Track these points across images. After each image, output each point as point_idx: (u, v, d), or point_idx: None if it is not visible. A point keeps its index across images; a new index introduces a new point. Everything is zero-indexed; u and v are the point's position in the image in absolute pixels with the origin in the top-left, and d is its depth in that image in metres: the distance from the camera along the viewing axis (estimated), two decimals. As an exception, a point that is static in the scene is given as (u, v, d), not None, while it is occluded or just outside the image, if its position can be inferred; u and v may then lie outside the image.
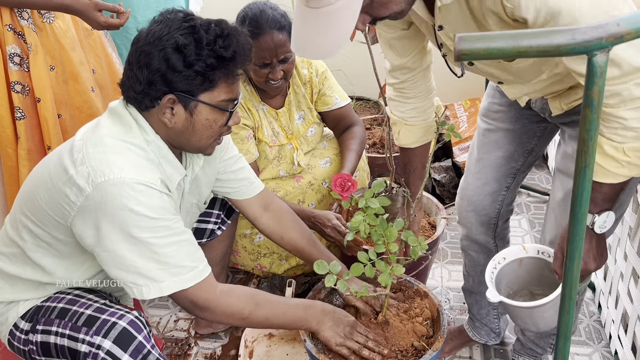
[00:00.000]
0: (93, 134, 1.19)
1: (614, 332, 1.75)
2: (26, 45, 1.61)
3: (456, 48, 0.58)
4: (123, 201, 1.11)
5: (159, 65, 1.14)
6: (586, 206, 0.73)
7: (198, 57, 1.14)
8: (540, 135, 1.49)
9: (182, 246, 1.20)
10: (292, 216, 1.60)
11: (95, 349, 1.17)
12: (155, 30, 1.16)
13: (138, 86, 1.17)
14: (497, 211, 1.55)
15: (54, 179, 1.18)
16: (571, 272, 0.78)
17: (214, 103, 1.20)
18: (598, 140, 1.06)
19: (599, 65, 0.61)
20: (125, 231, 1.13)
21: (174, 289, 1.19)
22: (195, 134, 1.23)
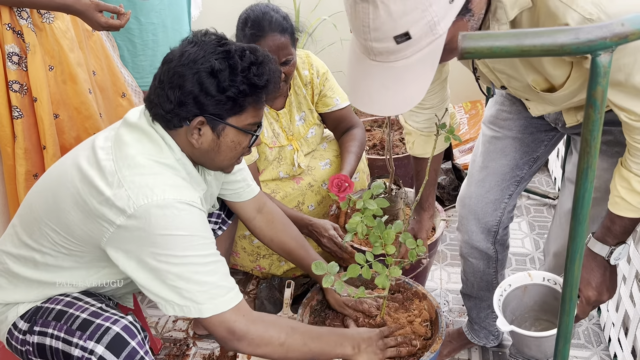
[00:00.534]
0: (121, 153, 1.18)
1: (614, 335, 1.74)
2: (25, 45, 1.61)
3: (460, 46, 0.58)
4: (168, 221, 1.12)
5: (192, 88, 1.14)
6: (588, 207, 0.72)
7: (232, 84, 1.15)
8: (547, 143, 1.48)
9: (219, 267, 1.20)
10: (283, 219, 1.61)
11: (88, 353, 1.17)
12: (190, 52, 1.16)
13: (168, 105, 1.16)
14: (498, 219, 1.54)
15: (86, 198, 1.16)
16: (572, 273, 0.78)
17: (241, 126, 1.21)
18: (626, 176, 1.06)
19: (602, 65, 0.61)
20: (169, 250, 1.13)
21: (214, 312, 1.17)
22: (220, 154, 1.25)
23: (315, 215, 2.05)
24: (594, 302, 1.20)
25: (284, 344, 1.23)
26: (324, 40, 3.28)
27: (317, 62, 2.04)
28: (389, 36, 0.83)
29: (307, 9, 3.33)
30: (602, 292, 1.19)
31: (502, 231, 1.57)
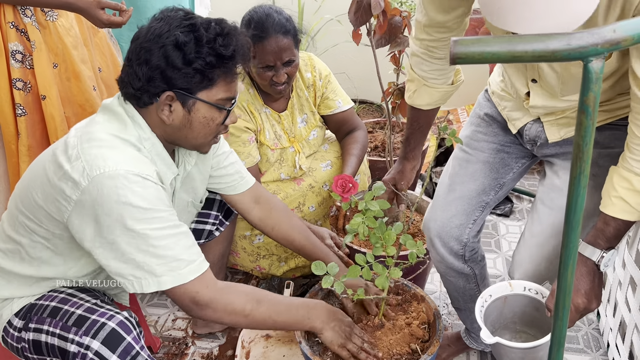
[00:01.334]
0: (86, 130, 1.20)
1: (612, 340, 1.74)
2: (29, 43, 1.62)
3: (451, 51, 0.58)
4: (119, 192, 1.12)
5: (158, 62, 1.15)
6: (580, 214, 0.73)
7: (198, 55, 1.15)
8: (515, 171, 1.47)
9: (180, 239, 1.20)
10: (282, 207, 1.61)
11: (84, 349, 1.17)
12: (155, 28, 1.16)
13: (137, 82, 1.17)
14: (463, 243, 1.51)
15: (49, 175, 1.19)
16: (565, 279, 0.78)
17: (212, 101, 1.21)
18: (626, 176, 1.06)
19: (594, 71, 0.61)
20: (122, 223, 1.13)
21: (173, 284, 1.17)
22: (192, 131, 1.24)
23: (316, 216, 2.06)
24: (582, 310, 1.18)
25: (248, 315, 1.24)
26: (326, 42, 3.28)
27: (320, 64, 2.05)
28: None
29: (309, 11, 3.33)
30: (591, 300, 1.17)
31: (469, 253, 1.53)
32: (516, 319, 1.35)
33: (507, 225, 2.53)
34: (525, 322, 1.34)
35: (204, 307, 1.21)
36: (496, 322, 1.35)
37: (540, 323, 1.24)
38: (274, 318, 1.28)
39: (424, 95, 1.47)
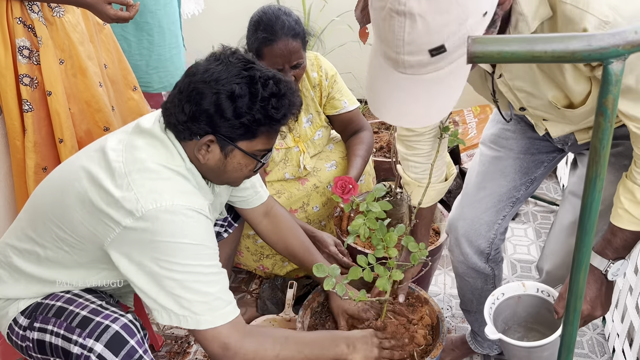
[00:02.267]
0: (132, 156, 1.18)
1: (618, 346, 1.73)
2: (36, 39, 1.61)
3: (469, 50, 0.57)
4: (175, 227, 1.11)
5: (208, 107, 1.14)
6: (595, 217, 0.71)
7: (249, 111, 1.14)
8: (547, 165, 1.46)
9: (221, 279, 1.20)
10: (289, 223, 1.61)
11: (87, 351, 1.16)
12: (214, 71, 1.15)
13: (182, 117, 1.16)
14: (490, 240, 1.50)
15: (94, 199, 1.16)
16: (577, 283, 0.77)
17: (250, 151, 1.21)
18: (630, 188, 1.06)
19: (614, 73, 0.60)
20: (174, 257, 1.12)
21: (212, 324, 1.15)
22: (225, 174, 1.25)
23: (320, 217, 2.05)
24: (586, 317, 1.19)
25: (278, 355, 1.22)
26: (332, 42, 3.27)
27: (326, 64, 2.03)
28: (423, 49, 0.82)
29: (315, 10, 3.32)
30: (595, 307, 1.17)
31: (494, 252, 1.53)
32: (530, 318, 1.35)
33: (513, 228, 2.51)
34: (539, 322, 1.34)
35: (235, 354, 1.18)
36: (509, 319, 1.36)
37: (553, 324, 1.24)
38: (304, 352, 1.25)
39: (420, 197, 1.46)
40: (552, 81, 1.06)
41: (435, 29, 0.80)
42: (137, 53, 2.28)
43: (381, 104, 0.92)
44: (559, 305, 1.21)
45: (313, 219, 2.03)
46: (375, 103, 0.93)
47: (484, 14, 0.81)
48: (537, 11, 0.93)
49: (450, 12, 0.78)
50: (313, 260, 1.55)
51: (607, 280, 1.16)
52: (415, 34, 0.81)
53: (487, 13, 0.82)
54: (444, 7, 0.78)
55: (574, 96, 1.06)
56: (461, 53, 0.83)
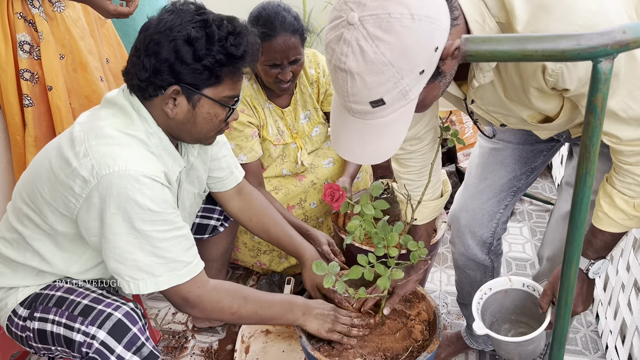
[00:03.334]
0: (93, 125, 1.19)
1: (611, 342, 1.75)
2: (37, 34, 1.62)
3: (462, 49, 0.59)
4: (128, 193, 1.12)
5: (167, 56, 1.14)
6: (585, 212, 0.73)
7: (208, 52, 1.14)
8: (546, 153, 1.48)
9: (180, 241, 1.21)
10: (262, 200, 1.63)
11: (89, 338, 1.18)
12: (167, 20, 1.16)
13: (143, 74, 1.17)
14: (493, 230, 1.53)
15: (56, 171, 1.19)
16: (568, 277, 0.79)
17: (217, 98, 1.21)
18: (609, 192, 1.09)
19: (603, 72, 0.62)
20: (128, 223, 1.14)
21: (170, 284, 1.20)
22: (195, 126, 1.24)
23: (318, 213, 2.06)
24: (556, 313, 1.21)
25: (235, 312, 1.30)
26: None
27: (324, 61, 2.05)
28: (365, 101, 0.88)
29: (317, 10, 3.33)
30: (577, 304, 1.21)
31: (496, 242, 1.56)
32: (517, 311, 1.39)
33: (508, 226, 2.52)
34: (525, 315, 1.38)
35: (194, 305, 1.25)
36: (497, 312, 1.39)
37: (539, 317, 1.28)
38: (260, 314, 1.34)
39: (417, 213, 1.46)
40: (522, 103, 1.08)
41: (372, 86, 0.85)
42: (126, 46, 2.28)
43: (338, 141, 0.98)
44: (543, 301, 1.25)
45: (310, 215, 2.05)
46: (334, 139, 1.00)
47: (421, 72, 0.86)
48: None
49: (385, 73, 0.84)
50: (287, 236, 1.58)
51: (588, 278, 1.19)
52: (355, 88, 0.87)
53: (424, 71, 0.86)
54: (378, 68, 0.83)
55: (547, 112, 1.10)
56: (401, 105, 0.89)
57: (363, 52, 0.83)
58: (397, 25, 0.81)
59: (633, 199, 1.06)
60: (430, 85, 0.91)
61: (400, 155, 1.42)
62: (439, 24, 0.84)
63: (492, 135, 1.30)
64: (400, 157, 1.42)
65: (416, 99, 0.90)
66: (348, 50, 0.84)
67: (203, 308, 1.26)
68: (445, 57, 0.87)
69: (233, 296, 1.30)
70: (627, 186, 1.05)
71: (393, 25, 0.81)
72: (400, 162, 1.43)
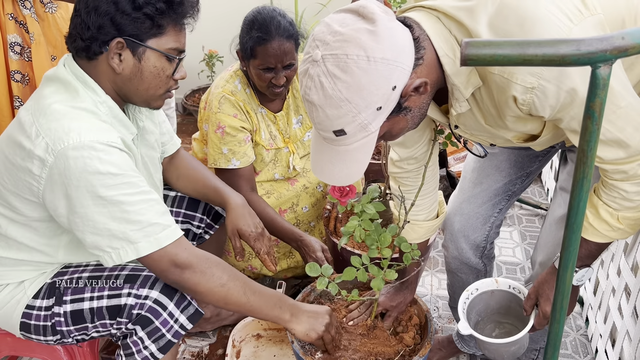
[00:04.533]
0: (39, 105, 1.18)
1: (601, 346, 1.76)
2: (28, 35, 1.61)
3: (463, 53, 0.59)
4: (86, 162, 1.11)
5: (107, 8, 1.14)
6: (582, 217, 0.74)
7: (147, 0, 1.15)
8: (541, 158, 1.49)
9: (152, 205, 1.19)
10: (192, 160, 1.64)
11: (142, 299, 1.23)
12: None
13: (86, 32, 1.16)
14: (486, 234, 1.54)
15: (11, 158, 1.18)
16: (563, 281, 0.79)
17: (162, 50, 1.21)
18: (595, 203, 1.11)
19: (602, 77, 0.62)
20: (93, 192, 1.12)
21: (151, 249, 1.17)
22: (143, 82, 1.23)
23: (310, 217, 2.06)
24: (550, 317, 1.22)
25: (225, 285, 1.24)
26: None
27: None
28: (329, 130, 0.95)
29: (310, 13, 3.34)
30: None
31: (489, 246, 1.58)
32: (502, 312, 1.41)
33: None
34: (510, 316, 1.40)
35: (184, 268, 1.21)
36: (482, 312, 1.41)
37: (524, 318, 1.31)
38: (248, 296, 1.27)
39: (410, 232, 1.48)
40: (504, 128, 1.10)
41: (332, 118, 0.93)
42: None
43: (313, 160, 1.06)
44: (527, 304, 1.27)
45: (302, 219, 2.04)
46: (311, 159, 1.06)
47: (378, 108, 0.92)
48: (468, 81, 1.00)
49: (342, 108, 0.91)
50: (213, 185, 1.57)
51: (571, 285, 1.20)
52: (319, 118, 0.94)
53: (381, 107, 0.92)
54: (336, 103, 0.91)
55: (530, 132, 1.11)
56: (363, 136, 0.95)
57: (323, 88, 0.91)
58: (353, 66, 0.88)
59: (617, 211, 1.08)
60: (393, 119, 0.97)
61: (397, 173, 1.43)
62: (398, 65, 0.90)
63: (483, 155, 1.33)
64: (397, 176, 1.43)
65: (377, 131, 0.96)
66: (311, 84, 0.92)
67: (194, 271, 1.21)
68: (405, 95, 0.94)
69: (224, 267, 1.27)
70: (612, 199, 1.07)
71: (349, 66, 0.88)
72: (398, 181, 1.45)
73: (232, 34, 1.86)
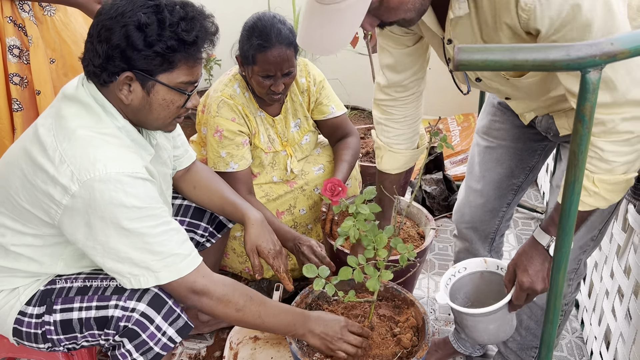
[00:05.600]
0: (61, 127, 1.17)
1: (596, 348, 1.77)
2: (26, 38, 1.62)
3: (455, 58, 0.60)
4: (112, 195, 1.12)
5: (119, 42, 1.13)
6: (574, 219, 0.75)
7: (159, 38, 1.13)
8: (540, 152, 1.51)
9: (172, 235, 1.21)
10: (208, 169, 1.64)
11: (129, 312, 1.21)
12: (119, 6, 1.15)
13: (97, 60, 1.16)
14: (496, 226, 1.58)
15: (31, 178, 1.17)
16: (556, 282, 0.80)
17: (172, 84, 1.20)
18: None
19: (591, 82, 0.64)
20: (117, 224, 1.14)
21: (171, 278, 1.20)
22: (152, 113, 1.23)
23: (307, 220, 2.07)
24: (527, 289, 1.22)
25: (240, 309, 1.27)
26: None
27: (314, 70, 2.06)
28: None
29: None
30: (536, 281, 1.21)
31: (499, 238, 1.61)
32: (492, 296, 1.38)
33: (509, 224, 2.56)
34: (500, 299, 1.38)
35: (202, 295, 1.24)
36: (472, 295, 1.40)
37: None
38: (263, 318, 1.31)
39: (391, 161, 1.49)
40: None
41: None
42: None
43: (301, 29, 1.02)
44: (506, 279, 1.26)
45: (300, 221, 2.05)
46: (299, 28, 1.03)
47: None
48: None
49: None
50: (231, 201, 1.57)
51: (549, 255, 1.19)
52: None
53: None
54: None
55: None
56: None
57: None
58: None
59: (593, 174, 1.04)
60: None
61: (383, 100, 1.44)
62: None
63: (466, 92, 1.30)
64: (383, 103, 1.44)
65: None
66: None
67: (210, 297, 1.24)
68: None
69: (240, 292, 1.28)
70: (588, 160, 1.03)
71: None
72: (382, 109, 1.46)
73: (230, 38, 1.87)
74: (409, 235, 1.95)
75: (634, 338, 1.48)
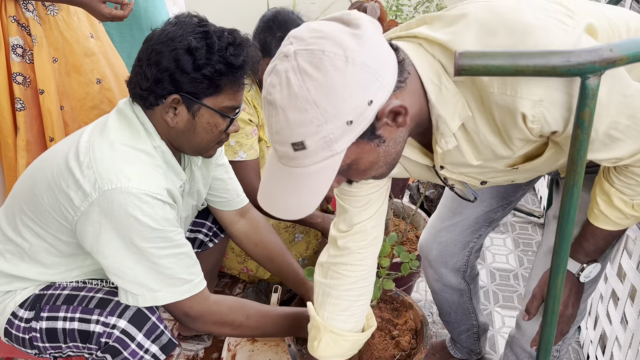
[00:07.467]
0: (100, 136, 1.20)
1: (592, 352, 1.78)
2: (30, 37, 1.62)
3: (456, 63, 0.61)
4: (128, 210, 1.13)
5: (168, 65, 1.16)
6: (572, 223, 0.76)
7: (208, 62, 1.16)
8: (524, 188, 1.46)
9: (181, 259, 1.23)
10: (267, 225, 1.64)
11: (110, 328, 1.20)
12: (169, 31, 1.18)
13: (145, 83, 1.18)
14: (466, 259, 1.52)
15: (57, 179, 1.19)
16: (554, 286, 0.81)
17: (217, 108, 1.22)
18: (606, 190, 1.04)
19: (591, 88, 0.65)
20: (127, 239, 1.15)
21: (169, 300, 1.22)
22: (195, 136, 1.25)
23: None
24: (560, 315, 1.17)
25: (237, 327, 1.32)
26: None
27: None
28: (287, 142, 0.82)
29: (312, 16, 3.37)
30: (567, 306, 1.17)
31: (470, 269, 1.55)
32: None
33: (492, 237, 2.57)
34: None
35: (195, 319, 1.27)
36: None
37: None
38: (263, 329, 1.35)
39: (332, 346, 1.22)
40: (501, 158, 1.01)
41: (294, 124, 0.80)
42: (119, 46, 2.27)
43: (261, 188, 0.92)
44: (532, 305, 1.20)
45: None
46: (260, 187, 0.93)
47: (349, 122, 0.79)
48: (454, 111, 0.90)
49: (308, 112, 0.78)
50: (289, 264, 1.58)
51: (577, 282, 1.16)
52: (279, 125, 0.81)
53: (352, 122, 0.80)
54: (300, 105, 0.78)
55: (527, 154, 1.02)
56: (325, 156, 0.82)
57: (289, 85, 0.78)
58: (327, 63, 0.77)
59: (633, 199, 1.02)
60: (363, 145, 0.85)
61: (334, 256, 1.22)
62: (378, 78, 0.79)
63: (473, 199, 1.17)
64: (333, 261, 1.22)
65: (342, 153, 0.83)
66: (276, 82, 0.80)
67: (204, 322, 1.28)
68: (381, 117, 0.82)
69: (236, 312, 1.31)
70: (627, 186, 1.00)
71: (324, 63, 0.77)
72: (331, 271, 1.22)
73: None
74: (408, 238, 1.96)
75: (629, 342, 1.49)
